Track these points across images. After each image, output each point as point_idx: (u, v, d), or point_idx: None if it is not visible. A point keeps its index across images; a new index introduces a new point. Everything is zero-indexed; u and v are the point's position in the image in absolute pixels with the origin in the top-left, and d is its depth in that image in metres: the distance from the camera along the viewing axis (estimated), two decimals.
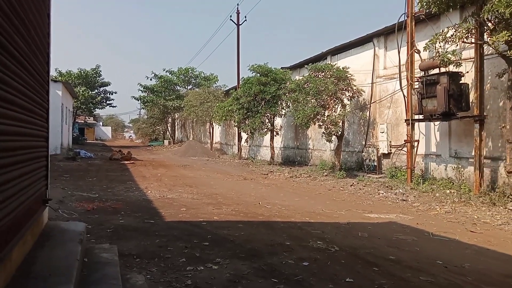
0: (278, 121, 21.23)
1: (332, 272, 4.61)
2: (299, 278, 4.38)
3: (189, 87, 41.99)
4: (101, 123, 77.91)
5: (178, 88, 42.50)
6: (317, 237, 6.17)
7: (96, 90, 43.61)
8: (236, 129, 24.66)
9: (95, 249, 4.43)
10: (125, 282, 3.84)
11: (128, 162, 20.23)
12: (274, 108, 19.27)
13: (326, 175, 14.67)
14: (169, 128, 48.13)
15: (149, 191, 10.51)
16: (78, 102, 39.13)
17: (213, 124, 31.04)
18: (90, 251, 4.28)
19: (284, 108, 19.43)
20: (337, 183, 12.91)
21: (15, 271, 2.93)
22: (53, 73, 38.18)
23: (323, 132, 14.99)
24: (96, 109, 47.65)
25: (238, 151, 25.58)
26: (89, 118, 57.19)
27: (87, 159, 21.66)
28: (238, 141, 25.56)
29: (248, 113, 20.15)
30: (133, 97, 43.80)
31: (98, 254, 4.22)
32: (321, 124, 14.87)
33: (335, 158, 15.68)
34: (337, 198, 10.33)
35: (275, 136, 20.85)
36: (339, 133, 14.97)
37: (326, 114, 14.77)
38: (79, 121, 51.52)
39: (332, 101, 14.78)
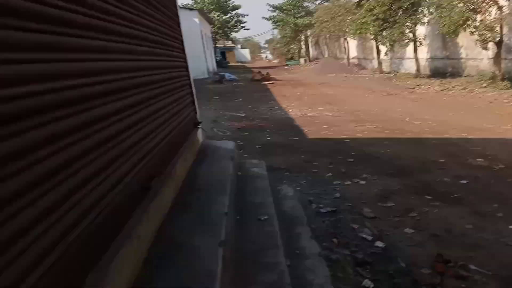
0: (421, 30, 18.81)
1: (497, 191, 4.12)
2: (457, 196, 4.03)
3: (317, 2, 39.96)
4: (239, 46, 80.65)
5: (306, 4, 40.89)
6: (477, 153, 5.53)
7: (229, 14, 44.84)
8: (374, 42, 22.90)
9: (246, 164, 4.72)
10: (276, 193, 4.03)
11: (268, 82, 20.74)
12: (414, 17, 17.08)
13: (485, 87, 12.83)
14: (303, 46, 47.38)
15: (290, 110, 10.69)
16: (216, 27, 40.85)
17: (348, 39, 29.39)
18: (242, 166, 4.57)
19: (426, 15, 17.02)
20: (499, 95, 11.22)
21: (181, 183, 3.29)
22: (187, 0, 40.10)
23: (477, 39, 12.84)
24: (231, 33, 49.36)
25: (378, 65, 23.96)
26: (227, 42, 59.62)
27: (232, 81, 22.80)
28: (376, 54, 23.83)
29: (384, 24, 18.30)
30: (264, 17, 44.01)
31: (249, 169, 4.49)
32: (473, 30, 12.70)
33: (494, 67, 13.51)
34: (501, 112, 9.00)
35: (419, 46, 18.74)
36: (497, 39, 12.65)
37: (478, 19, 12.50)
38: (220, 46, 54.18)
39: (484, 3, 12.33)
